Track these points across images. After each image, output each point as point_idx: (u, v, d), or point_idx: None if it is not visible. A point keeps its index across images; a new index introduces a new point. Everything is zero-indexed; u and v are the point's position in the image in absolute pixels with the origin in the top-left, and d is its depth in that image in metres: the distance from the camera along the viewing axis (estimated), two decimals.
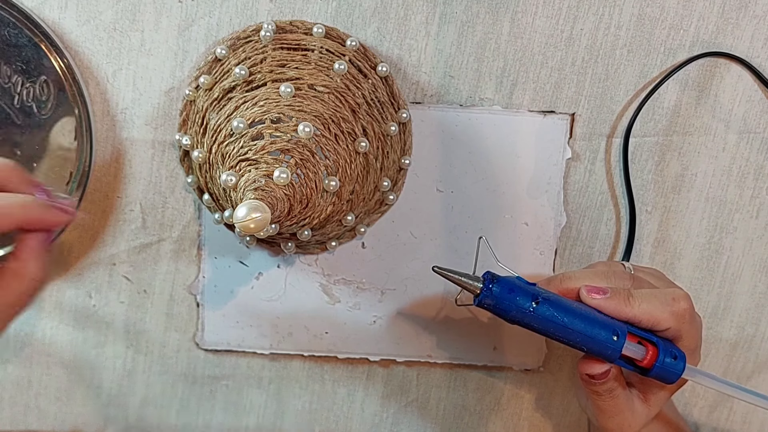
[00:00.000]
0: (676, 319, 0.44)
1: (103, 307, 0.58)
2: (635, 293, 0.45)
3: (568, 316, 0.44)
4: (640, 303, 0.44)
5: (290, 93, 0.48)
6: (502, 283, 0.44)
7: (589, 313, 0.44)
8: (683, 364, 0.44)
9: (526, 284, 0.45)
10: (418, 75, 0.53)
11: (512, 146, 0.54)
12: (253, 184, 0.45)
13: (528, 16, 0.52)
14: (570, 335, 0.44)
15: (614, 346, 0.44)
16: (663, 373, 0.44)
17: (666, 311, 0.44)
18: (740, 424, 0.61)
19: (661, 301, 0.44)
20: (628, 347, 0.44)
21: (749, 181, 0.55)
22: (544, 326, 0.44)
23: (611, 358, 0.44)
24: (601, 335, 0.44)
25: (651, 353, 0.44)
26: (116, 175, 0.54)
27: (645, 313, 0.44)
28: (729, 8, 0.52)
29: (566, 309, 0.44)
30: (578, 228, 0.56)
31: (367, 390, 0.60)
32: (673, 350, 0.45)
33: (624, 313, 0.44)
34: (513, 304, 0.44)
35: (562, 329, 0.44)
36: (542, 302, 0.44)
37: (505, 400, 0.60)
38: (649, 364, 0.44)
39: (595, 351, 0.44)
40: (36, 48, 0.51)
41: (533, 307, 0.44)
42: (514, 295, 0.44)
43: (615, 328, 0.44)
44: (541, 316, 0.44)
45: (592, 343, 0.44)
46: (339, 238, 0.55)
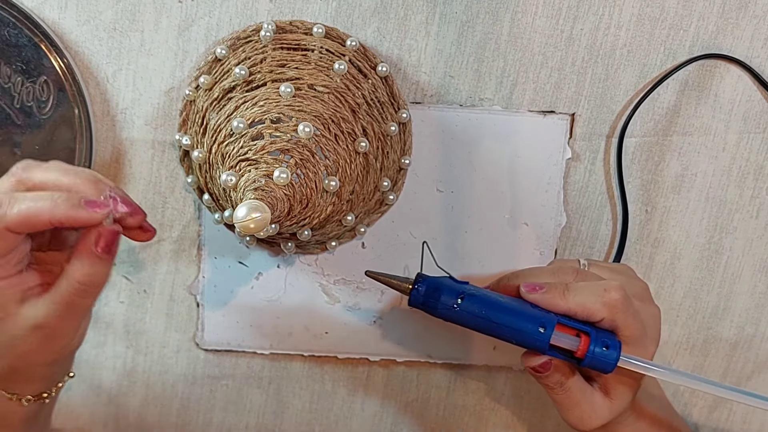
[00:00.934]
0: (608, 309, 0.45)
1: (103, 307, 0.57)
2: (572, 287, 0.46)
3: (493, 311, 0.46)
4: (574, 296, 0.46)
5: (290, 93, 0.48)
6: (428, 282, 0.47)
7: (518, 307, 0.46)
8: (616, 353, 0.45)
9: (454, 283, 0.47)
10: (418, 75, 0.53)
11: (512, 146, 0.54)
12: (253, 184, 0.45)
13: (528, 16, 0.52)
14: (496, 329, 0.46)
15: (541, 338, 0.45)
16: (595, 362, 0.45)
17: (597, 302, 0.45)
18: (740, 424, 0.61)
19: (593, 293, 0.46)
20: (560, 338, 0.45)
21: (749, 181, 0.55)
22: (471, 321, 0.46)
23: (541, 349, 0.46)
24: (527, 327, 0.45)
25: (583, 343, 0.45)
26: (116, 175, 0.54)
27: (578, 305, 0.45)
28: (729, 8, 0.52)
29: (492, 304, 0.46)
30: (578, 228, 0.56)
31: (367, 390, 0.60)
32: (607, 340, 0.45)
33: (559, 307, 0.46)
34: (438, 302, 0.46)
35: (488, 323, 0.46)
36: (467, 298, 0.46)
37: (505, 400, 0.60)
38: (582, 354, 0.45)
39: (524, 343, 0.46)
40: (36, 48, 0.51)
41: (458, 303, 0.46)
42: (439, 293, 0.46)
43: (542, 320, 0.45)
44: (466, 312, 0.46)
45: (519, 336, 0.45)
46: (339, 238, 0.55)
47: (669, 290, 0.58)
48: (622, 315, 0.45)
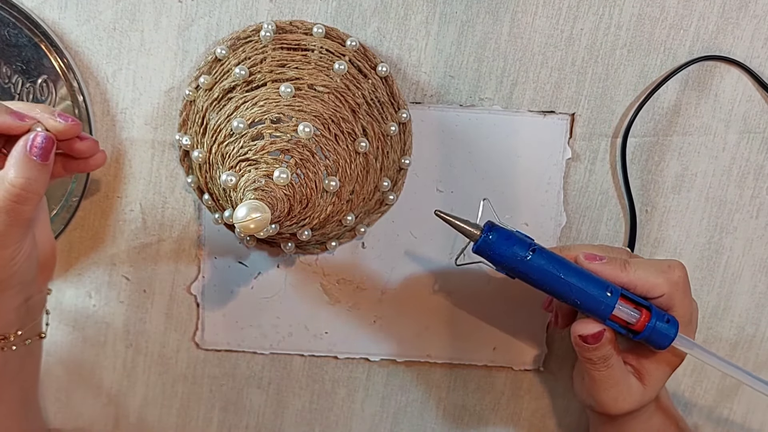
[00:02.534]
0: (671, 285, 0.45)
1: (103, 307, 0.58)
2: (632, 261, 0.46)
3: (563, 269, 0.45)
4: (635, 269, 0.46)
5: (290, 93, 0.48)
6: (500, 231, 0.46)
7: (585, 271, 0.46)
8: (675, 330, 0.45)
9: (524, 236, 0.46)
10: (418, 75, 0.53)
11: (512, 146, 0.54)
12: (253, 184, 0.45)
13: (528, 16, 0.52)
14: (564, 287, 0.45)
15: (607, 302, 0.45)
16: (654, 335, 0.45)
17: (661, 277, 0.45)
18: (740, 424, 0.61)
19: (657, 269, 0.46)
20: (621, 309, 0.45)
21: (749, 181, 0.55)
22: (539, 276, 0.45)
23: (603, 314, 0.45)
24: (594, 290, 0.45)
25: (644, 317, 0.45)
26: (116, 175, 0.54)
27: (640, 279, 0.45)
28: (729, 8, 0.52)
29: (561, 262, 0.45)
30: (578, 228, 0.56)
31: (367, 390, 0.60)
32: (667, 316, 0.45)
33: (620, 278, 0.46)
34: (509, 251, 0.45)
35: (557, 280, 0.45)
36: (538, 252, 0.45)
37: (505, 400, 0.60)
38: (642, 326, 0.45)
39: (587, 305, 0.45)
40: (36, 48, 0.51)
41: (529, 255, 0.45)
42: (510, 242, 0.45)
43: (609, 286, 0.45)
44: (536, 265, 0.45)
45: (585, 297, 0.45)
46: (339, 238, 0.55)
47: None
48: (681, 294, 0.46)
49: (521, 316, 0.57)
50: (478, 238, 0.46)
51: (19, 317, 0.48)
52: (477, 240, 0.46)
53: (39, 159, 0.43)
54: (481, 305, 0.57)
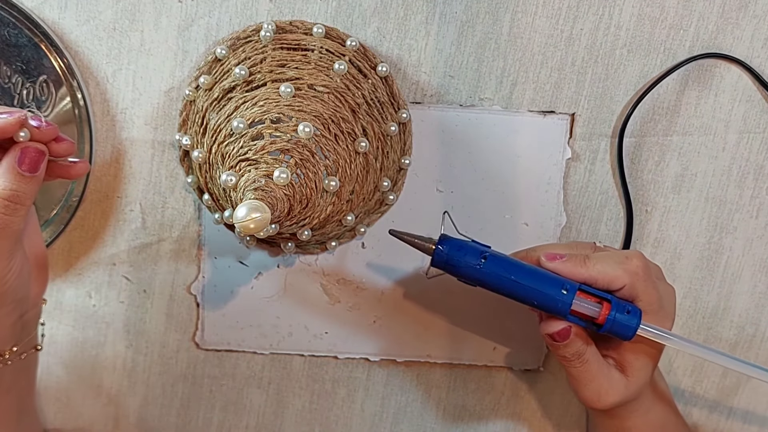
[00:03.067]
0: (630, 275, 0.46)
1: (103, 307, 0.58)
2: (592, 256, 0.47)
3: (516, 272, 0.46)
4: (594, 264, 0.46)
5: (290, 93, 0.48)
6: (452, 242, 0.47)
7: (540, 271, 0.47)
8: (637, 319, 0.45)
9: (477, 245, 0.47)
10: (418, 75, 0.53)
11: (512, 146, 0.54)
12: (253, 184, 0.45)
13: (528, 16, 0.52)
14: (519, 289, 0.46)
15: (563, 299, 0.45)
16: (616, 327, 0.45)
17: (619, 269, 0.46)
18: (740, 424, 0.61)
19: (615, 260, 0.46)
20: (581, 303, 0.46)
21: (749, 181, 0.55)
22: (494, 281, 0.46)
23: (562, 312, 0.46)
24: (549, 289, 0.46)
25: (605, 309, 0.45)
26: (116, 175, 0.54)
27: (600, 273, 0.46)
28: (729, 8, 0.52)
29: (514, 265, 0.46)
30: (578, 228, 0.56)
31: (367, 390, 0.60)
32: (628, 306, 0.46)
33: (580, 274, 0.46)
34: (462, 261, 0.46)
35: (511, 284, 0.46)
36: (490, 258, 0.46)
37: (505, 400, 0.60)
38: (603, 320, 0.45)
39: (544, 305, 0.46)
40: (36, 48, 0.51)
41: (481, 263, 0.46)
42: (462, 252, 0.47)
43: (564, 283, 0.46)
44: (488, 272, 0.46)
45: (540, 297, 0.46)
46: (339, 238, 0.55)
47: None
48: (643, 283, 0.46)
49: (521, 316, 0.57)
50: (433, 252, 0.47)
51: (15, 334, 0.47)
52: (432, 253, 0.47)
53: (28, 171, 0.43)
54: (481, 305, 0.57)
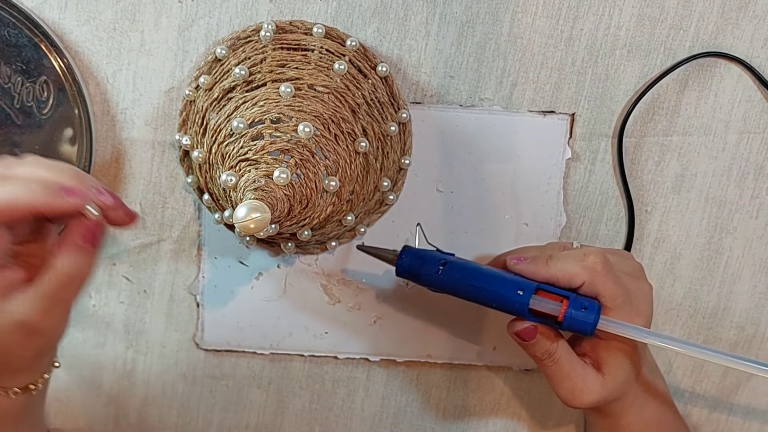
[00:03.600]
0: (588, 272, 0.46)
1: (103, 307, 0.57)
2: (554, 256, 0.48)
3: (473, 277, 0.48)
4: (556, 263, 0.47)
5: (290, 93, 0.48)
6: (412, 252, 0.50)
7: (499, 274, 0.48)
8: (594, 315, 0.45)
9: (438, 253, 0.50)
10: (418, 75, 0.53)
11: (512, 146, 0.54)
12: (253, 184, 0.45)
13: (528, 16, 0.52)
14: (477, 293, 0.48)
15: (520, 300, 0.46)
16: (574, 323, 0.46)
17: (578, 266, 0.46)
18: (740, 424, 0.61)
19: (574, 259, 0.47)
20: (541, 303, 0.46)
21: (749, 181, 0.55)
22: (453, 286, 0.48)
23: (521, 312, 0.47)
24: (505, 291, 0.47)
25: (564, 307, 0.46)
26: (116, 175, 0.54)
27: (560, 271, 0.47)
28: (729, 8, 0.52)
29: (471, 270, 0.48)
30: (578, 228, 0.56)
31: (367, 390, 0.60)
32: (586, 303, 0.46)
33: (541, 275, 0.47)
34: (422, 270, 0.49)
35: (470, 288, 0.48)
36: (448, 265, 0.48)
37: (505, 400, 0.60)
38: (563, 317, 0.46)
39: (503, 307, 0.47)
40: (36, 48, 0.51)
41: (440, 270, 0.48)
42: (422, 261, 0.49)
43: (521, 285, 0.47)
44: (447, 278, 0.48)
45: (498, 299, 0.47)
46: (339, 238, 0.55)
47: (669, 290, 0.58)
48: (602, 278, 0.46)
49: None
50: (396, 263, 0.50)
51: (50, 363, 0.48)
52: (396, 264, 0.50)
53: (90, 246, 0.42)
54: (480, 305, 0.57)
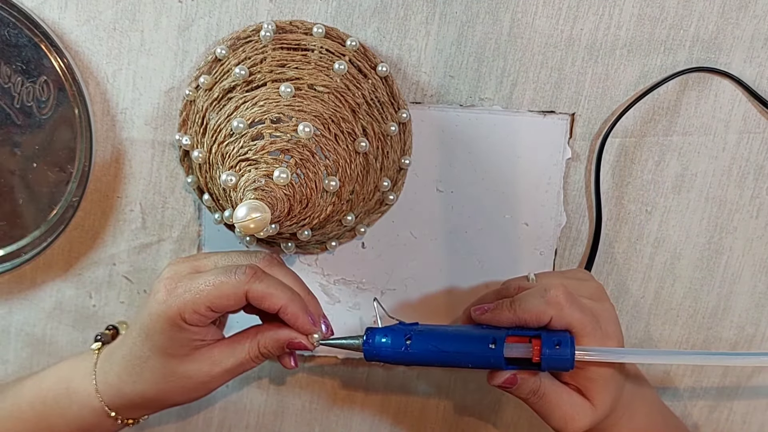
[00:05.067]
0: (553, 307, 0.45)
1: (103, 307, 0.57)
2: (516, 298, 0.47)
3: (441, 342, 0.47)
4: (520, 305, 0.46)
5: (290, 93, 0.48)
6: (375, 332, 0.48)
7: (467, 332, 0.47)
8: (569, 349, 0.45)
9: (403, 326, 0.48)
10: (418, 75, 0.53)
11: (512, 146, 0.54)
12: (253, 184, 0.45)
13: (528, 16, 0.52)
14: (451, 358, 0.46)
15: (494, 354, 0.45)
16: (552, 362, 0.45)
17: (541, 303, 0.46)
18: (740, 424, 0.61)
19: (536, 297, 0.46)
20: (512, 349, 0.45)
21: (749, 181, 0.55)
22: (425, 357, 0.47)
23: (498, 364, 0.46)
24: (477, 348, 0.46)
25: (537, 348, 0.45)
26: (116, 175, 0.54)
27: (526, 312, 0.46)
28: (729, 8, 0.52)
29: (439, 335, 0.47)
30: (578, 228, 0.56)
31: (367, 390, 0.60)
32: (558, 338, 0.45)
33: (508, 319, 0.46)
34: (389, 348, 0.47)
35: (442, 354, 0.46)
36: (414, 337, 0.47)
37: (505, 400, 0.60)
38: (538, 358, 0.45)
39: (481, 364, 0.46)
40: (36, 48, 0.51)
41: (406, 344, 0.47)
42: (387, 339, 0.47)
43: (492, 336, 0.46)
44: (417, 351, 0.47)
45: (473, 358, 0.46)
46: (339, 238, 0.55)
47: (669, 290, 0.58)
48: (569, 310, 0.46)
49: None
50: (363, 349, 0.48)
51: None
52: (362, 351, 0.48)
53: (290, 358, 0.49)
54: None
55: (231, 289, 0.45)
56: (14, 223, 0.54)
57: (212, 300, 0.45)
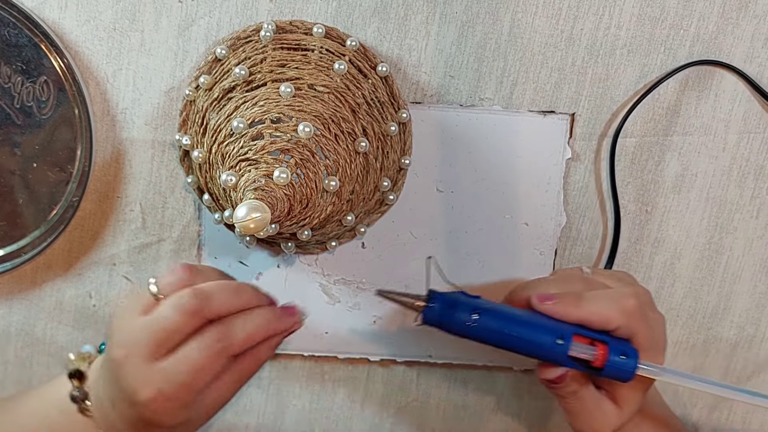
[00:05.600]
0: (625, 316, 0.44)
1: (103, 307, 0.57)
2: (584, 296, 0.45)
3: (509, 325, 0.45)
4: (588, 304, 0.45)
5: (290, 93, 0.48)
6: (443, 299, 0.46)
7: (534, 319, 0.45)
8: (635, 361, 0.44)
9: (468, 298, 0.46)
10: (418, 75, 0.53)
11: (512, 146, 0.54)
12: (253, 184, 0.45)
13: (528, 16, 0.52)
14: (515, 343, 0.45)
15: (559, 350, 0.44)
16: (615, 371, 0.44)
17: (614, 309, 0.44)
18: (740, 424, 0.61)
19: (609, 301, 0.45)
20: (577, 349, 0.44)
21: (749, 181, 0.55)
22: (488, 337, 0.45)
23: (559, 361, 0.45)
24: (545, 340, 0.44)
25: (601, 353, 0.44)
26: (116, 175, 0.54)
27: (594, 314, 0.45)
28: (729, 8, 0.52)
29: (508, 318, 0.45)
30: (578, 228, 0.56)
31: (367, 390, 0.60)
32: (625, 348, 0.44)
33: (573, 316, 0.45)
34: (454, 319, 0.45)
35: (507, 338, 0.45)
36: (483, 313, 0.45)
37: (505, 400, 0.60)
38: (601, 364, 0.44)
39: (541, 356, 0.45)
40: (36, 48, 0.51)
41: (475, 319, 0.45)
42: (454, 309, 0.45)
43: (560, 331, 0.44)
44: (483, 328, 0.45)
45: (537, 349, 0.44)
46: (339, 238, 0.55)
47: (669, 290, 0.58)
48: (638, 322, 0.45)
49: None
50: (422, 311, 0.46)
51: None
52: (422, 312, 0.46)
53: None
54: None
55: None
56: (14, 223, 0.54)
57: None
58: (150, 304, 0.45)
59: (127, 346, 0.44)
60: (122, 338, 0.45)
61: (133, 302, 0.46)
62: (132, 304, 0.46)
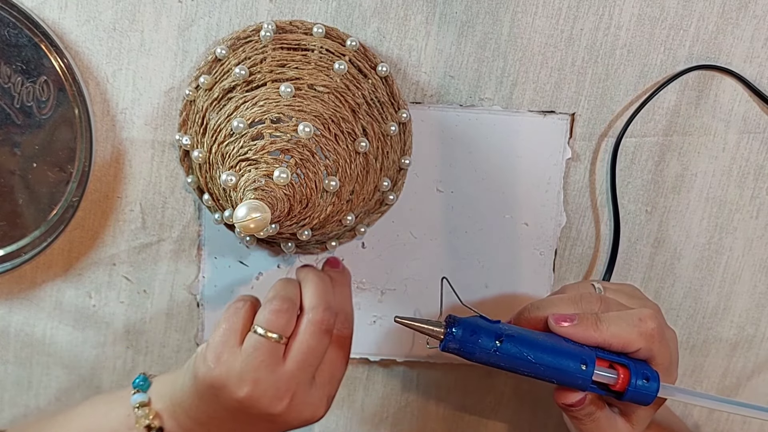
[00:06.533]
0: (646, 339, 0.44)
1: (103, 307, 0.57)
2: (603, 317, 0.44)
3: (533, 352, 0.43)
4: (608, 326, 0.44)
5: (290, 93, 0.48)
6: (464, 325, 0.44)
7: (556, 344, 0.44)
8: (657, 384, 0.43)
9: (489, 323, 0.44)
10: (418, 75, 0.53)
11: (512, 146, 0.54)
12: (253, 184, 0.45)
13: (528, 16, 0.52)
14: (538, 370, 0.43)
15: (583, 376, 0.43)
16: (637, 396, 0.43)
17: (634, 332, 0.44)
18: (740, 424, 0.61)
19: (629, 323, 0.44)
20: (598, 373, 0.43)
21: (749, 181, 0.55)
22: (512, 364, 0.43)
23: (582, 387, 0.44)
24: (569, 366, 0.43)
25: (623, 377, 0.43)
26: (116, 175, 0.54)
27: (614, 337, 0.44)
28: (729, 9, 0.52)
29: (531, 344, 0.43)
30: (578, 228, 0.56)
31: (367, 390, 0.60)
32: (646, 371, 0.44)
33: (593, 339, 0.44)
34: (476, 346, 0.43)
35: (530, 365, 0.43)
36: (506, 340, 0.43)
37: (505, 400, 0.60)
38: (622, 387, 0.43)
39: (565, 382, 0.44)
40: (36, 48, 0.51)
41: (497, 346, 0.43)
42: (476, 336, 0.43)
43: (583, 356, 0.43)
44: (506, 355, 0.43)
45: (561, 375, 0.43)
46: (339, 238, 0.55)
47: (669, 290, 0.58)
48: (659, 345, 0.44)
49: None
50: (443, 337, 0.44)
51: None
52: (442, 339, 0.44)
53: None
54: (481, 305, 0.57)
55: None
56: (14, 223, 0.54)
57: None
58: (281, 350, 0.47)
59: (288, 390, 0.47)
60: (277, 388, 0.47)
61: (264, 355, 0.46)
62: (265, 357, 0.46)
